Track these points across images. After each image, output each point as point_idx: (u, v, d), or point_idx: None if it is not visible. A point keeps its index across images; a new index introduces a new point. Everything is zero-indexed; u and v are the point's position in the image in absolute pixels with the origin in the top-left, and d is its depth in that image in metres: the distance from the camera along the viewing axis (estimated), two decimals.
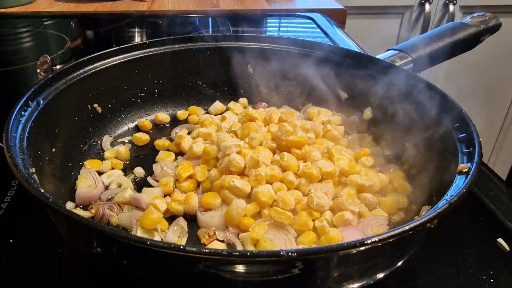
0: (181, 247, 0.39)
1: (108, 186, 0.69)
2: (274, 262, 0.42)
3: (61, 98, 0.68)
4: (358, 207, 0.60)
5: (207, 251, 0.38)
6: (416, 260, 0.58)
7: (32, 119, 0.60)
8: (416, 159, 0.67)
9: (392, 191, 0.66)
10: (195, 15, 1.50)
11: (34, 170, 0.53)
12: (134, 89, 0.84)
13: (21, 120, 0.58)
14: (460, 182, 0.50)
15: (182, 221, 0.62)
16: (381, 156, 0.73)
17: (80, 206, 0.65)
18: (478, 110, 1.96)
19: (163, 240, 0.58)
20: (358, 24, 1.91)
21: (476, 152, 0.53)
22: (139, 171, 0.73)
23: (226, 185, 0.62)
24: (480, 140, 0.55)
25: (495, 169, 0.75)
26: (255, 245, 0.57)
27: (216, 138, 0.71)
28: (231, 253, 0.39)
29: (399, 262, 0.51)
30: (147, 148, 0.81)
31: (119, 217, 0.62)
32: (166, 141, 0.80)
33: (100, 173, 0.71)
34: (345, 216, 0.58)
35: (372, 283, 0.48)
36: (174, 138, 0.81)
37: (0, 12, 1.47)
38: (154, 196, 0.64)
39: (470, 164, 0.52)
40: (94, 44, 1.41)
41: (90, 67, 0.75)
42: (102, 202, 0.65)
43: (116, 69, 0.79)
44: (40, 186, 0.48)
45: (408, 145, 0.70)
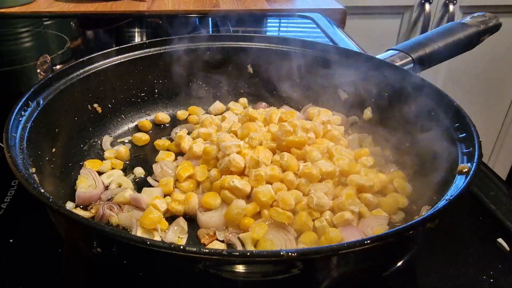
0: (181, 247, 0.39)
1: (108, 186, 0.69)
2: (274, 262, 0.42)
3: (61, 98, 0.68)
4: (358, 207, 0.60)
5: (207, 251, 0.38)
6: (416, 260, 0.58)
7: (32, 119, 0.60)
8: (416, 159, 0.67)
9: (392, 191, 0.66)
10: (195, 15, 1.50)
11: (34, 170, 0.54)
12: (134, 89, 0.84)
13: (21, 120, 0.58)
14: (460, 182, 0.50)
15: (182, 221, 0.62)
16: (381, 156, 0.73)
17: (80, 206, 0.65)
18: (478, 110, 1.96)
19: (163, 240, 0.58)
20: (358, 24, 1.91)
21: (476, 152, 0.53)
22: (139, 171, 0.73)
23: (226, 185, 0.62)
24: (480, 140, 0.55)
25: (495, 169, 0.75)
26: (255, 245, 0.58)
27: (216, 138, 0.71)
28: (231, 253, 0.39)
29: (399, 262, 0.50)
30: (147, 148, 0.81)
31: (119, 217, 0.62)
32: (166, 141, 0.80)
33: (100, 173, 0.71)
34: (345, 216, 0.58)
35: (372, 283, 0.48)
36: (174, 138, 0.81)
37: (0, 12, 1.47)
38: (154, 196, 0.64)
39: (470, 164, 0.52)
40: (94, 44, 1.41)
41: (90, 67, 0.75)
42: (102, 202, 0.65)
43: (116, 69, 0.79)
44: (40, 186, 0.48)
45: (408, 145, 0.70)
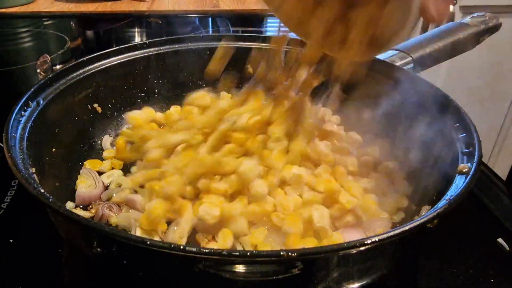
0: (181, 247, 0.39)
1: (108, 186, 0.69)
2: (274, 262, 0.42)
3: (61, 98, 0.68)
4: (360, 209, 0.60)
5: (207, 251, 0.38)
6: (416, 260, 0.58)
7: (32, 119, 0.60)
8: (416, 159, 0.67)
9: (392, 191, 0.66)
10: (195, 15, 1.50)
11: (34, 170, 0.53)
12: (134, 89, 0.84)
13: (21, 120, 0.58)
14: (460, 182, 0.50)
15: (183, 221, 0.61)
16: (381, 156, 0.73)
17: (80, 206, 0.65)
18: (478, 110, 1.96)
19: (163, 240, 0.58)
20: None
21: (476, 152, 0.53)
22: None
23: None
24: (480, 140, 0.55)
25: (495, 169, 0.75)
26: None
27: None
28: (231, 253, 0.39)
29: (399, 262, 0.51)
30: None
31: (117, 217, 0.61)
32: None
33: (100, 173, 0.71)
34: (346, 218, 0.58)
35: (372, 283, 0.48)
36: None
37: (0, 12, 1.47)
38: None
39: (470, 164, 0.52)
40: (94, 44, 1.41)
41: (90, 67, 0.75)
42: (102, 202, 0.65)
43: (116, 69, 0.79)
44: (40, 186, 0.47)
45: (408, 145, 0.70)
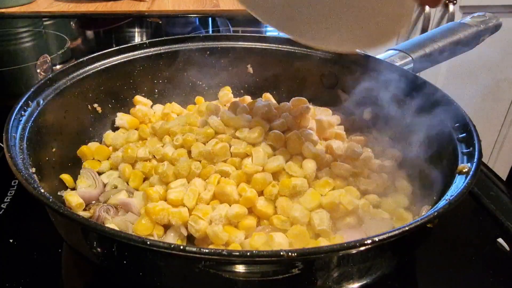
0: (181, 247, 0.39)
1: (105, 186, 0.69)
2: (274, 262, 0.42)
3: (61, 98, 0.68)
4: (361, 210, 0.59)
5: (207, 251, 0.38)
6: (416, 260, 0.58)
7: (32, 119, 0.60)
8: (416, 159, 0.67)
9: (392, 191, 0.66)
10: (195, 15, 1.50)
11: (34, 170, 0.54)
12: (134, 89, 0.84)
13: (21, 120, 0.58)
14: (460, 182, 0.50)
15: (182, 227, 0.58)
16: (381, 156, 0.73)
17: None
18: (478, 110, 1.96)
19: (163, 240, 0.58)
20: None
21: (476, 152, 0.53)
22: None
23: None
24: (480, 140, 0.55)
25: (495, 169, 0.75)
26: None
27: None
28: (231, 253, 0.39)
29: (399, 262, 0.51)
30: None
31: (113, 220, 0.59)
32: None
33: (100, 173, 0.71)
34: (346, 219, 0.58)
35: (372, 283, 0.48)
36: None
37: (0, 12, 1.47)
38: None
39: (470, 164, 0.52)
40: (94, 44, 1.41)
41: (90, 67, 0.75)
42: (100, 204, 0.64)
43: (116, 69, 0.79)
44: (40, 186, 0.48)
45: (408, 145, 0.70)
